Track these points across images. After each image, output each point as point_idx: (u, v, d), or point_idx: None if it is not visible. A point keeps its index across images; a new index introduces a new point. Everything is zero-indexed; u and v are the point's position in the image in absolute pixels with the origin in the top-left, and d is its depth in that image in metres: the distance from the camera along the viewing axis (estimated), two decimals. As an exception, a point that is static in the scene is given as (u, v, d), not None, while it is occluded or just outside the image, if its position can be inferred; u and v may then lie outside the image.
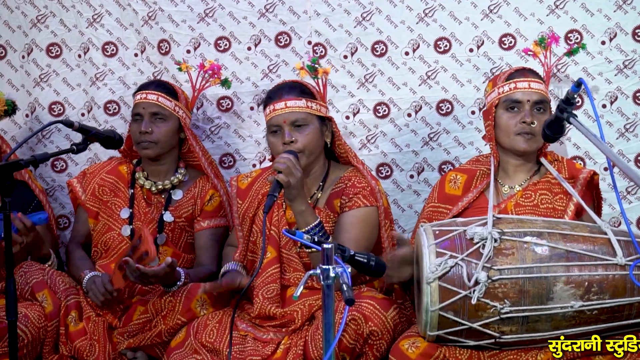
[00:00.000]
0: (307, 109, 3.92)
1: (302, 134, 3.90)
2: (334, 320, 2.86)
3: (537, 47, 4.10)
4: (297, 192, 3.71)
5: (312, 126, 3.92)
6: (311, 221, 3.75)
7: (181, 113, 4.29)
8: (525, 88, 3.80)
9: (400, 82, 4.51)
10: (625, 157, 4.36)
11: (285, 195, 3.73)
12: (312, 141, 3.91)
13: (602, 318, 3.29)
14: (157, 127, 4.24)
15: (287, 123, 3.89)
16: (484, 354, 3.38)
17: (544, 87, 3.84)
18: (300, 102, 3.92)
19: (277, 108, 3.92)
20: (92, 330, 4.01)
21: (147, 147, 4.24)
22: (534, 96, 3.80)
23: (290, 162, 3.67)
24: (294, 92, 3.95)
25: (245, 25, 4.61)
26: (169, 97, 4.27)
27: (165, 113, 4.25)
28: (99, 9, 4.69)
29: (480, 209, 3.78)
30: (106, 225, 4.32)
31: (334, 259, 2.85)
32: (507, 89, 3.83)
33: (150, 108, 4.24)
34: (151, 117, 4.24)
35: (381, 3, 4.49)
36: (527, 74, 3.86)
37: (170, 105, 4.26)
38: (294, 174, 3.67)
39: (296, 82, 4.05)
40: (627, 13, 4.33)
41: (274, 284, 3.91)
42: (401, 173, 4.55)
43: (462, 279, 3.26)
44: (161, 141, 4.25)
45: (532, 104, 3.79)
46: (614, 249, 3.32)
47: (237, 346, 3.75)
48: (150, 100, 4.24)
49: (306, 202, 3.78)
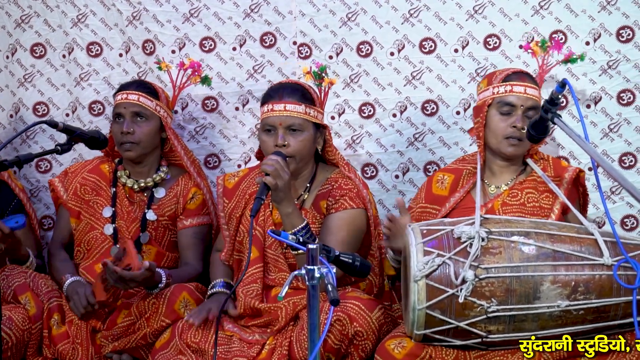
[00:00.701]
0: (305, 115, 3.90)
1: (295, 140, 3.88)
2: (319, 320, 2.86)
3: (536, 47, 4.10)
4: (284, 195, 3.70)
5: (306, 133, 3.90)
6: (298, 223, 3.75)
7: (162, 112, 4.27)
8: (521, 93, 3.79)
9: (386, 82, 4.51)
10: (610, 157, 4.38)
11: (273, 197, 3.72)
12: (305, 148, 3.91)
13: (589, 318, 3.30)
14: (138, 127, 4.22)
15: (283, 126, 3.88)
16: (470, 354, 3.39)
17: (538, 93, 3.83)
18: (299, 107, 3.90)
19: (275, 109, 3.90)
20: (75, 334, 3.99)
21: (130, 148, 4.22)
22: (528, 102, 3.79)
23: (279, 165, 3.67)
24: (295, 95, 3.92)
25: (230, 26, 4.60)
26: (150, 96, 4.25)
27: (146, 113, 4.23)
28: (83, 9, 4.67)
29: (468, 209, 3.79)
30: (88, 225, 4.30)
31: (319, 259, 2.85)
32: (502, 91, 3.82)
33: (132, 108, 4.22)
34: (132, 117, 4.22)
35: (366, 3, 4.50)
36: (524, 78, 3.84)
37: (152, 104, 4.24)
38: (282, 176, 3.66)
39: (299, 85, 4.00)
40: (611, 14, 4.35)
41: (255, 284, 3.91)
42: (386, 173, 4.55)
43: (449, 277, 3.27)
44: (143, 141, 4.23)
45: (525, 109, 3.78)
46: (601, 249, 3.33)
47: (222, 347, 3.74)
48: (131, 100, 4.22)
49: (293, 204, 3.77)
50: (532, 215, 3.77)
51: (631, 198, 3.90)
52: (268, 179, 3.63)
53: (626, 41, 4.35)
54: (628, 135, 4.39)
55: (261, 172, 3.70)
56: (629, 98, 4.37)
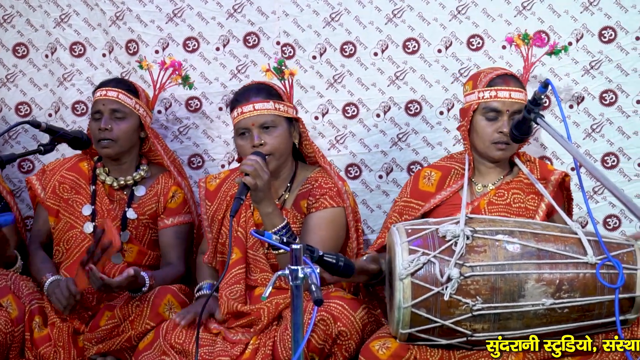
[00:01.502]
0: (275, 111, 3.91)
1: (271, 137, 3.89)
2: (302, 320, 2.87)
3: (519, 40, 4.10)
4: (264, 195, 3.71)
5: (280, 128, 3.91)
6: (278, 223, 3.75)
7: (142, 111, 4.24)
8: (506, 98, 3.79)
9: (369, 82, 4.52)
10: (592, 157, 4.40)
11: (253, 197, 3.72)
12: (282, 143, 3.91)
13: (573, 317, 3.31)
14: (116, 124, 4.18)
15: (256, 126, 3.89)
16: (455, 354, 3.40)
17: (524, 95, 3.82)
18: (268, 104, 3.91)
19: (245, 111, 3.91)
20: (57, 336, 3.97)
21: (107, 145, 4.18)
22: (514, 106, 3.78)
23: (258, 165, 3.67)
24: (261, 94, 3.94)
25: (213, 26, 4.59)
26: (129, 94, 4.22)
27: (125, 110, 4.20)
28: (66, 8, 4.66)
29: (453, 206, 3.80)
30: (68, 223, 4.26)
31: (302, 259, 2.85)
32: (487, 96, 3.81)
33: (110, 105, 4.18)
34: (111, 115, 4.18)
35: (350, 4, 4.50)
36: (509, 82, 3.83)
37: (131, 102, 4.21)
38: (261, 176, 3.66)
39: (263, 84, 4.03)
40: (594, 14, 4.37)
41: (238, 285, 3.91)
42: (370, 173, 4.56)
43: (434, 275, 3.28)
44: (121, 139, 4.19)
45: (510, 113, 3.78)
46: (585, 248, 3.34)
47: (206, 347, 3.74)
48: (110, 97, 4.19)
49: (273, 204, 3.77)
50: (517, 215, 3.78)
51: (613, 198, 3.94)
52: (247, 179, 3.64)
53: (608, 42, 4.37)
54: (610, 135, 4.40)
55: (241, 172, 3.69)
56: (611, 98, 4.39)
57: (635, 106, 4.38)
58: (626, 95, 4.38)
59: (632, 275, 3.32)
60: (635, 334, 3.40)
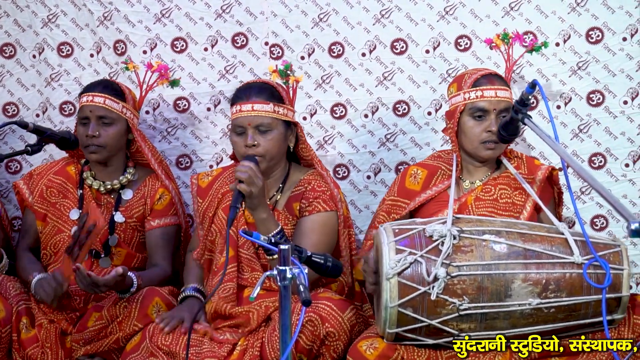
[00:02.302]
0: (274, 114, 3.90)
1: (265, 139, 3.88)
2: (290, 321, 2.86)
3: (498, 40, 4.11)
4: (258, 202, 3.69)
5: (276, 131, 3.90)
6: (273, 229, 3.73)
7: (129, 114, 4.22)
8: (492, 97, 3.81)
9: (357, 83, 4.52)
10: (579, 158, 4.41)
11: (247, 204, 3.70)
12: (275, 147, 3.91)
13: (560, 317, 3.32)
14: (104, 130, 4.15)
15: (252, 126, 3.88)
16: (442, 354, 3.40)
17: (509, 93, 3.84)
18: (267, 106, 3.90)
19: (243, 109, 3.90)
20: (44, 337, 3.96)
21: (95, 151, 4.16)
22: (501, 105, 3.80)
23: (252, 171, 3.65)
24: (263, 94, 3.92)
25: (201, 26, 4.59)
26: (116, 99, 4.19)
27: (112, 116, 4.17)
28: (54, 9, 4.65)
29: (441, 203, 3.82)
30: (55, 227, 4.24)
31: (290, 259, 2.85)
32: (473, 96, 3.83)
33: (97, 112, 4.15)
34: (98, 120, 4.15)
35: (338, 4, 4.50)
36: (494, 81, 3.85)
37: (118, 107, 4.19)
38: (256, 183, 3.65)
39: (267, 85, 4.00)
40: (581, 15, 4.38)
41: (231, 282, 3.90)
42: (358, 174, 4.56)
43: (421, 275, 3.28)
44: (109, 144, 4.17)
45: (497, 112, 3.80)
46: (571, 248, 3.35)
47: (193, 348, 3.72)
48: (97, 104, 4.16)
49: (268, 209, 3.76)
50: (504, 211, 3.80)
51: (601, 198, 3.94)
52: (242, 187, 3.62)
53: (595, 42, 4.38)
54: (597, 135, 4.42)
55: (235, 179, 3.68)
56: (598, 99, 4.40)
57: (622, 107, 4.39)
58: (613, 96, 4.39)
59: (618, 275, 3.33)
60: (622, 334, 3.41)
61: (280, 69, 3.98)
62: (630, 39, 4.36)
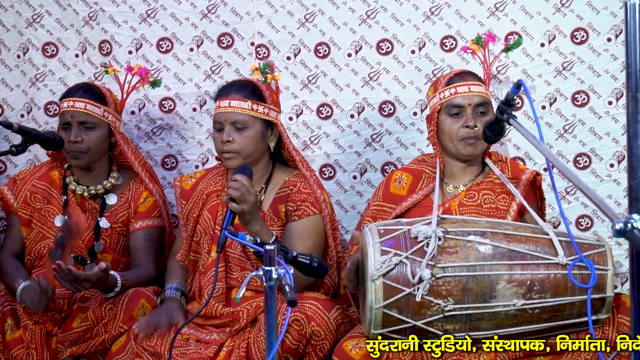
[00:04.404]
0: (251, 112, 3.90)
1: (241, 136, 3.89)
2: (276, 321, 2.86)
3: (474, 45, 4.12)
4: (251, 217, 3.66)
5: (252, 129, 3.91)
6: (267, 239, 3.67)
7: (111, 118, 4.19)
8: (466, 92, 3.82)
9: (343, 83, 4.52)
10: (564, 158, 4.42)
11: (240, 220, 3.66)
12: (251, 145, 3.91)
13: (544, 317, 3.33)
14: (86, 135, 4.13)
15: (228, 122, 3.90)
16: (426, 354, 3.40)
17: (484, 88, 3.86)
18: (245, 103, 3.90)
19: (221, 105, 3.93)
20: (30, 339, 3.93)
21: (78, 156, 4.14)
22: (475, 99, 3.82)
23: (244, 188, 3.59)
24: (242, 92, 3.93)
25: (187, 26, 4.58)
26: (97, 103, 4.15)
27: (94, 121, 4.14)
28: (38, 9, 4.63)
29: (425, 208, 3.81)
30: (40, 234, 4.23)
31: (276, 260, 2.85)
32: (447, 94, 3.84)
33: (79, 117, 4.12)
34: (80, 126, 4.12)
35: (324, 5, 4.50)
36: (467, 77, 3.87)
37: (99, 111, 4.16)
38: (248, 199, 3.59)
39: (249, 82, 4.01)
40: (566, 16, 4.39)
41: (220, 282, 3.89)
42: (344, 174, 4.56)
43: (406, 276, 3.28)
44: (92, 149, 4.15)
45: (473, 107, 3.81)
46: (556, 249, 3.36)
47: (178, 349, 3.72)
48: (78, 109, 4.13)
49: (261, 221, 3.74)
50: (488, 216, 3.79)
51: (586, 198, 3.95)
52: (234, 206, 3.56)
53: (580, 43, 4.39)
54: (582, 136, 4.43)
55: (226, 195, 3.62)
56: (583, 99, 4.42)
57: (607, 107, 4.40)
58: (598, 96, 4.40)
59: (602, 276, 3.34)
60: (607, 333, 3.42)
61: (260, 67, 3.99)
62: (615, 40, 4.38)
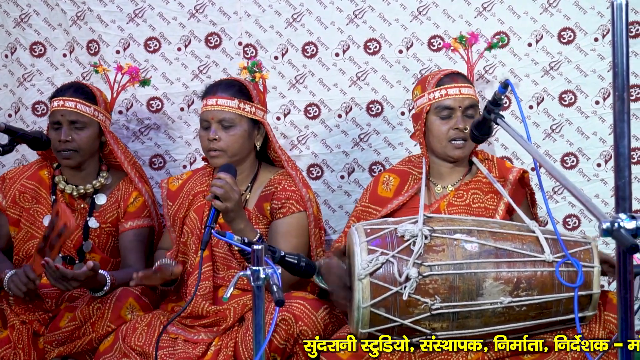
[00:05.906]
0: (237, 110, 3.91)
1: (227, 134, 3.90)
2: (264, 321, 2.86)
3: (456, 43, 4.13)
4: (235, 215, 3.65)
5: (239, 128, 3.91)
6: (251, 237, 3.66)
7: (101, 117, 4.19)
8: (456, 94, 3.83)
9: (331, 83, 4.53)
10: (552, 158, 4.43)
11: (224, 218, 3.66)
12: (236, 143, 3.91)
13: (531, 314, 3.34)
14: (77, 134, 4.13)
15: (215, 120, 3.90)
16: (415, 354, 3.41)
17: (473, 90, 3.87)
18: (232, 102, 3.91)
19: (208, 104, 3.93)
20: (17, 339, 3.92)
21: (69, 156, 4.13)
22: (465, 102, 3.82)
23: (228, 186, 3.59)
24: (229, 90, 3.94)
25: (175, 26, 4.58)
26: (87, 102, 4.15)
27: (84, 120, 4.14)
28: (26, 8, 4.62)
29: (413, 209, 3.80)
30: (28, 233, 4.22)
31: (264, 260, 2.85)
32: (437, 95, 3.84)
33: (69, 116, 4.12)
34: (70, 125, 4.12)
35: (311, 4, 4.51)
36: (457, 79, 3.87)
37: (90, 111, 4.15)
38: (232, 197, 3.59)
39: (236, 82, 4.02)
40: (553, 15, 4.40)
41: (207, 281, 3.89)
42: (332, 174, 4.57)
43: (393, 275, 3.29)
44: (82, 149, 4.15)
45: (463, 109, 3.82)
46: (542, 246, 3.37)
47: (166, 349, 3.72)
48: (69, 108, 4.12)
49: (245, 219, 3.74)
50: (477, 215, 3.79)
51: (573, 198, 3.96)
52: (217, 204, 3.55)
53: (567, 43, 4.41)
54: (570, 135, 4.44)
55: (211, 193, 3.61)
56: (570, 99, 4.43)
57: (594, 107, 4.42)
58: (585, 96, 4.42)
59: (589, 273, 3.34)
60: (594, 331, 3.43)
61: (248, 66, 4.00)
62: (602, 40, 4.39)
